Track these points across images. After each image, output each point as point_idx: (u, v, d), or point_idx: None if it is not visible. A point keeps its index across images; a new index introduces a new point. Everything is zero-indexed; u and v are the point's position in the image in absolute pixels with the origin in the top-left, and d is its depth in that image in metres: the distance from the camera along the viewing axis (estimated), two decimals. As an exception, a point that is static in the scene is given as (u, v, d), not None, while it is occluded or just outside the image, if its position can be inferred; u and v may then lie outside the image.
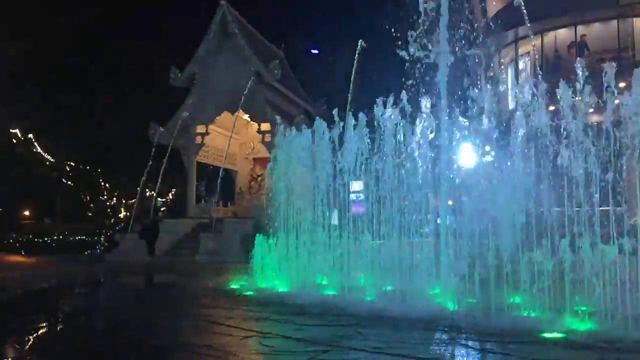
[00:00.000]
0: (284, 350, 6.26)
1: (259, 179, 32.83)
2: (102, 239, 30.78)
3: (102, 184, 41.04)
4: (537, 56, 23.05)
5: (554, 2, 23.11)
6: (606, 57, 19.32)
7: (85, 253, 28.39)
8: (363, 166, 10.35)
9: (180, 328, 7.95)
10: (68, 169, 40.19)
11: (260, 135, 27.50)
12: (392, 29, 10.88)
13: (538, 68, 22.17)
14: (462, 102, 9.34)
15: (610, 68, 7.63)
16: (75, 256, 26.17)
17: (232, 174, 34.07)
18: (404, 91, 9.99)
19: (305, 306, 9.00)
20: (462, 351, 6.33)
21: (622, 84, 8.14)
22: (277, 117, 25.71)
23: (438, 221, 9.93)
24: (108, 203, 44.53)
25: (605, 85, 7.59)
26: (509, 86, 25.50)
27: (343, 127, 10.69)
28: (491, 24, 20.91)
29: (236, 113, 27.45)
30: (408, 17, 10.20)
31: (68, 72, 36.99)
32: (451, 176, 9.58)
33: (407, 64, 10.17)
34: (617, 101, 7.63)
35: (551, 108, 8.46)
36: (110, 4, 40.22)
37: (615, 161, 7.54)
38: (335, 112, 10.93)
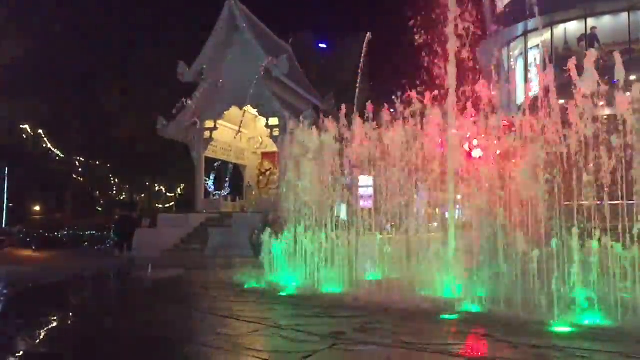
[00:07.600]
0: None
1: (268, 173, 32.90)
2: (111, 233, 31.01)
3: (112, 178, 41.31)
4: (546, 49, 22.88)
5: (563, -5, 22.95)
6: (617, 49, 19.17)
7: (96, 248, 28.62)
8: None
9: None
10: (77, 164, 40.47)
11: (269, 130, 27.50)
12: (401, 21, 10.83)
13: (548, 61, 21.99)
14: (471, 95, 9.29)
15: (619, 59, 7.56)
16: (86, 251, 26.36)
17: (241, 168, 34.20)
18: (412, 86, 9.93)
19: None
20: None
21: (632, 77, 8.06)
22: (285, 112, 25.77)
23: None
24: (117, 198, 44.81)
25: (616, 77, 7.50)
26: (519, 79, 25.32)
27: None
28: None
29: (244, 108, 27.50)
30: (416, 9, 10.15)
31: (77, 67, 37.13)
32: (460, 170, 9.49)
33: (415, 56, 10.12)
34: (628, 94, 7.56)
35: (561, 101, 8.40)
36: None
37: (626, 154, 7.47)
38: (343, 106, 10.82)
